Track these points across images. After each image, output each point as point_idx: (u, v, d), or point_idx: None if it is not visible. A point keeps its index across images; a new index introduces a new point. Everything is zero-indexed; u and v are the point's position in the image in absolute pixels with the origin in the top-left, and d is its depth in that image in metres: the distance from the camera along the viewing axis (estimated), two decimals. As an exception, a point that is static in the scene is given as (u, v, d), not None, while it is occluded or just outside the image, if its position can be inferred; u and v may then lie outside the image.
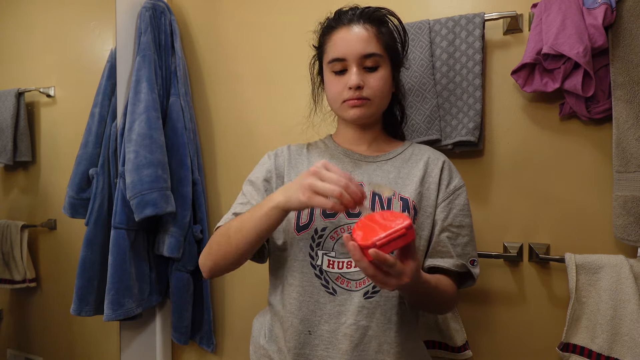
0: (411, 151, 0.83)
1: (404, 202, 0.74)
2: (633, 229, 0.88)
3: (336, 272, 0.72)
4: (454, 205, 0.77)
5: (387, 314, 0.71)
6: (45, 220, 1.47)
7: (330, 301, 0.72)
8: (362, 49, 0.74)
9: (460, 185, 0.80)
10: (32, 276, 1.49)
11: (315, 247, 0.73)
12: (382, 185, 0.74)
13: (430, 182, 0.78)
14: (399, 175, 0.78)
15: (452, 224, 0.76)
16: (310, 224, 0.75)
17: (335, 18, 0.80)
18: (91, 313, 1.24)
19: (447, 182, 0.78)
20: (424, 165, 0.79)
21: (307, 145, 0.88)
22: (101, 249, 1.25)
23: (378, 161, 0.81)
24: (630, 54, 0.88)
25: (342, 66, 0.76)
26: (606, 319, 0.90)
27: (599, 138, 1.00)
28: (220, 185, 1.43)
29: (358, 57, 0.74)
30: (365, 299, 0.71)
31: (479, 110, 1.02)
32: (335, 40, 0.77)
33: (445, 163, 0.81)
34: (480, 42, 1.02)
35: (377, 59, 0.75)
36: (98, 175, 1.26)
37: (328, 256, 0.72)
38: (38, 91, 1.46)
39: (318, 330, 0.72)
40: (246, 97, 1.38)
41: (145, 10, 1.28)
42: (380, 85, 0.76)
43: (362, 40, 0.74)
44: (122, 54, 1.28)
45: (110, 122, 1.29)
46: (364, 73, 0.76)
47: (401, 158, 0.81)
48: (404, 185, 0.77)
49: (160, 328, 1.40)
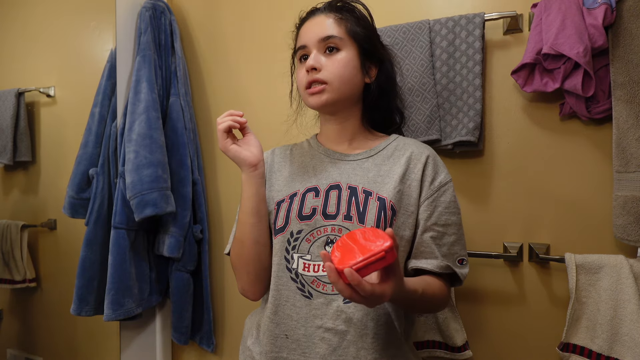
0: (394, 146, 0.79)
1: (380, 203, 0.71)
2: (633, 229, 0.88)
3: (312, 276, 0.71)
4: (438, 203, 0.74)
5: (363, 320, 0.69)
6: (45, 220, 1.47)
7: (306, 305, 0.71)
8: (320, 32, 0.75)
9: (446, 181, 0.76)
10: (32, 276, 1.49)
11: (290, 250, 0.73)
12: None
13: (412, 178, 0.74)
14: (378, 173, 0.75)
15: (437, 223, 0.73)
16: (286, 227, 0.74)
17: (304, 17, 0.83)
18: (91, 313, 1.24)
19: (431, 178, 0.75)
20: (406, 161, 0.76)
21: (292, 147, 0.88)
22: (101, 249, 1.25)
23: (358, 159, 0.78)
24: (630, 54, 0.88)
25: (304, 52, 0.78)
26: (606, 319, 0.90)
27: (599, 138, 1.00)
28: (220, 185, 1.43)
29: (317, 40, 0.75)
30: (344, 303, 0.70)
31: (479, 110, 1.02)
32: (301, 32, 0.80)
33: (429, 158, 0.76)
34: (480, 42, 1.02)
35: (335, 41, 0.75)
36: (98, 175, 1.26)
37: (303, 259, 0.72)
38: (38, 91, 1.46)
39: (294, 335, 0.71)
40: (246, 97, 1.38)
41: (145, 10, 1.28)
42: (339, 68, 0.74)
43: (321, 25, 0.76)
44: (122, 54, 1.28)
45: (110, 122, 1.29)
46: (324, 56, 0.76)
47: (383, 154, 0.78)
48: (382, 184, 0.74)
49: (160, 328, 1.40)
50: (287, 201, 0.77)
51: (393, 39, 1.09)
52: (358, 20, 0.78)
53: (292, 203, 0.76)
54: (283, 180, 0.81)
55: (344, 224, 0.71)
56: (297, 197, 0.76)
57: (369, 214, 0.70)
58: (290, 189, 0.78)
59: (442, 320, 1.06)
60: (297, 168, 0.81)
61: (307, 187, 0.77)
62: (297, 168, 0.81)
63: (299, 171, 0.81)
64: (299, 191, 0.77)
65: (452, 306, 1.06)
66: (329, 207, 0.73)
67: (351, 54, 0.76)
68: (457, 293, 1.12)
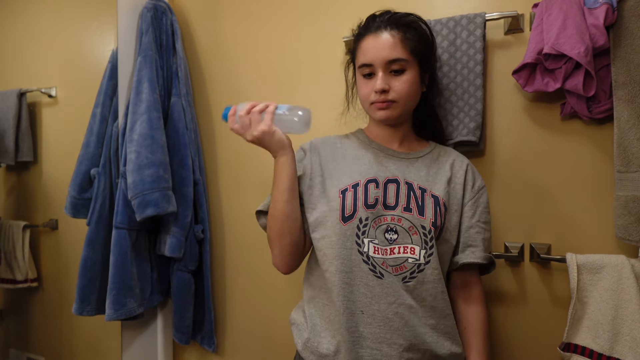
0: (438, 152, 0.91)
1: (434, 200, 0.81)
2: (634, 228, 0.88)
3: (381, 258, 0.79)
4: (479, 204, 0.86)
5: (422, 295, 0.79)
6: (46, 220, 1.48)
7: (379, 284, 0.78)
8: (387, 54, 0.80)
9: (483, 186, 0.89)
10: (33, 276, 1.49)
11: (361, 236, 0.80)
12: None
13: (456, 182, 0.86)
14: (428, 173, 0.86)
15: (480, 220, 0.85)
16: (355, 214, 0.80)
17: (365, 25, 0.87)
18: (93, 313, 1.24)
19: (472, 183, 0.87)
20: (450, 167, 0.87)
21: (340, 138, 0.95)
22: (103, 249, 1.25)
23: (410, 158, 0.88)
24: (632, 54, 0.88)
25: (370, 70, 0.84)
26: (607, 319, 0.90)
27: (600, 138, 0.99)
28: (221, 185, 1.43)
29: (384, 62, 0.81)
30: (403, 283, 0.78)
31: (480, 110, 1.02)
32: (364, 47, 0.84)
33: (469, 166, 0.89)
34: (482, 42, 1.02)
35: (402, 63, 0.81)
36: (99, 175, 1.27)
37: (373, 243, 0.79)
38: (40, 91, 1.47)
39: (369, 310, 0.78)
40: (247, 97, 1.38)
41: (146, 11, 1.28)
42: (406, 89, 0.82)
43: (388, 47, 0.80)
44: (123, 55, 1.29)
45: (112, 122, 1.30)
46: (391, 77, 0.82)
47: (430, 157, 0.89)
48: (434, 183, 0.84)
49: (162, 328, 1.40)
50: (351, 190, 0.83)
51: (394, 39, 1.09)
52: (420, 38, 0.84)
53: (356, 192, 0.82)
54: (341, 170, 0.87)
55: (403, 214, 0.80)
56: (360, 187, 0.83)
57: (427, 208, 0.81)
58: (351, 179, 0.84)
59: (443, 320, 1.06)
60: (353, 159, 0.88)
61: (367, 179, 0.83)
62: (353, 159, 0.88)
63: (355, 162, 0.87)
64: (361, 182, 0.83)
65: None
66: (388, 199, 0.82)
67: (414, 73, 0.83)
68: (458, 293, 1.12)
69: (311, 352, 0.84)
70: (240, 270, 1.40)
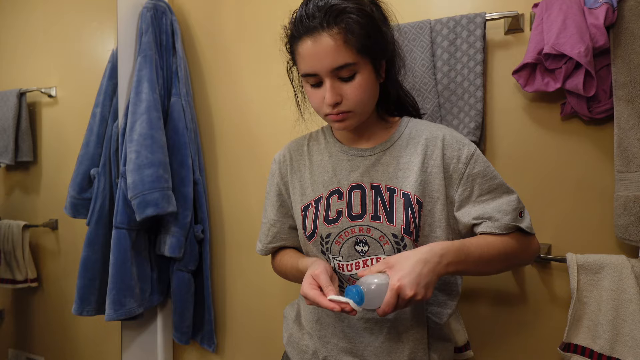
0: (408, 133, 0.77)
1: (405, 199, 0.72)
2: (634, 228, 0.88)
3: (347, 274, 0.75)
4: (475, 176, 0.72)
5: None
6: (46, 220, 1.48)
7: None
8: (332, 62, 0.67)
9: (472, 152, 0.73)
10: (33, 276, 1.49)
11: (325, 252, 0.77)
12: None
13: (432, 165, 0.73)
14: (398, 167, 0.74)
15: (482, 194, 0.72)
16: (315, 232, 0.77)
17: (298, 24, 0.70)
18: (92, 313, 1.24)
19: (456, 157, 0.73)
20: (422, 149, 0.74)
21: (308, 140, 0.86)
22: (102, 249, 1.25)
23: (375, 153, 0.77)
24: (632, 54, 0.88)
25: (315, 80, 0.71)
26: (607, 319, 0.90)
27: (600, 138, 0.99)
28: (221, 185, 1.43)
29: (329, 71, 0.68)
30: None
31: (480, 110, 1.02)
32: (302, 53, 0.70)
33: (445, 139, 0.74)
34: (482, 42, 1.02)
35: (351, 68, 0.68)
36: (99, 175, 1.27)
37: (337, 260, 0.76)
38: (39, 91, 1.47)
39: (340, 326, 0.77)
40: (247, 97, 1.38)
41: (146, 11, 1.28)
42: (359, 94, 0.70)
43: (330, 53, 0.66)
44: (123, 54, 1.29)
45: (112, 122, 1.30)
46: (341, 84, 0.69)
47: (399, 145, 0.76)
48: (404, 177, 0.73)
49: (162, 328, 1.40)
50: (313, 206, 0.78)
51: (394, 39, 1.09)
52: (365, 28, 0.67)
53: (318, 208, 0.77)
54: (305, 182, 0.82)
55: (371, 224, 0.73)
56: (322, 202, 0.77)
57: (397, 214, 0.72)
58: (315, 193, 0.79)
59: (443, 320, 1.06)
60: (317, 168, 0.81)
61: (330, 190, 0.77)
62: (317, 168, 0.81)
63: (319, 172, 0.81)
64: (323, 195, 0.78)
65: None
66: (353, 208, 0.74)
67: (367, 72, 0.70)
68: (458, 293, 1.12)
69: (293, 347, 0.85)
70: (240, 270, 1.40)
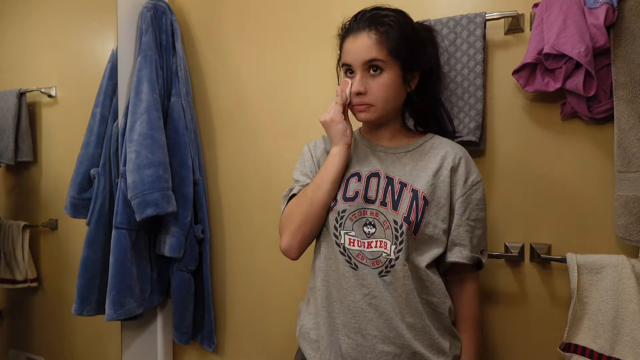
0: (431, 144, 0.88)
1: (413, 194, 0.81)
2: (635, 228, 0.88)
3: (357, 250, 0.80)
4: (471, 200, 0.83)
5: (398, 291, 0.79)
6: (46, 220, 1.48)
7: (353, 275, 0.80)
8: (364, 55, 0.80)
9: (478, 181, 0.85)
10: (33, 276, 1.49)
11: (338, 227, 0.82)
12: None
13: (444, 175, 0.83)
14: (415, 167, 0.84)
15: (470, 218, 0.83)
16: (334, 207, 0.83)
17: (346, 27, 0.86)
18: (92, 313, 1.24)
19: (464, 177, 0.83)
20: (440, 159, 0.84)
21: None
22: (102, 249, 1.25)
23: (397, 153, 0.88)
24: (632, 54, 0.88)
25: (348, 69, 0.84)
26: (608, 319, 0.90)
27: (601, 138, 0.99)
28: (221, 185, 1.43)
29: (361, 63, 0.80)
30: (380, 277, 0.79)
31: (480, 110, 1.02)
32: (345, 48, 0.84)
33: (462, 158, 0.84)
34: (482, 42, 1.02)
35: (379, 64, 0.80)
36: (99, 175, 1.26)
37: (348, 235, 0.81)
38: (39, 91, 1.47)
39: (345, 301, 0.81)
40: (247, 97, 1.38)
41: (146, 11, 1.28)
42: (382, 91, 0.81)
43: (365, 48, 0.79)
44: (123, 54, 1.29)
45: (112, 122, 1.30)
46: (369, 77, 0.81)
47: (419, 151, 0.87)
48: (417, 177, 0.83)
49: (162, 328, 1.40)
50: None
51: (394, 39, 1.09)
52: (399, 35, 0.80)
53: (339, 186, 0.85)
54: None
55: (379, 209, 0.81)
56: (342, 181, 0.86)
57: (402, 203, 0.80)
58: None
59: (444, 320, 1.06)
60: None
61: (350, 173, 0.87)
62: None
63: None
64: (345, 176, 0.86)
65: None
66: (369, 192, 0.83)
67: (393, 73, 0.81)
68: (458, 293, 1.12)
69: (303, 338, 0.89)
70: (240, 270, 1.40)
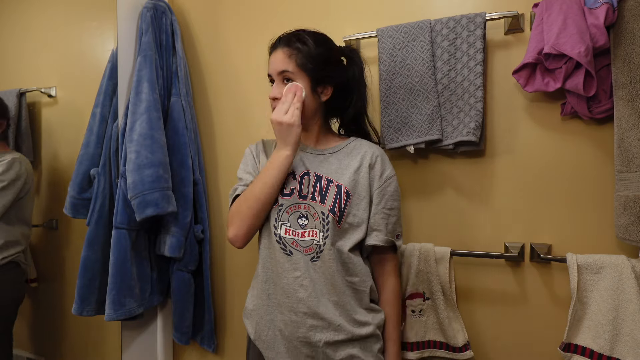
0: (353, 146, 0.99)
1: (338, 188, 0.92)
2: (635, 228, 0.88)
3: (292, 238, 0.91)
4: (385, 192, 0.95)
5: (325, 274, 0.90)
6: (46, 220, 1.48)
7: (288, 260, 0.91)
8: (278, 67, 0.93)
9: (391, 175, 0.97)
10: (33, 276, 1.49)
11: (278, 220, 0.93)
12: None
13: (363, 171, 0.95)
14: (339, 166, 0.96)
15: (385, 207, 0.95)
16: (277, 202, 0.94)
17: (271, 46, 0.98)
18: (92, 313, 1.24)
19: (380, 173, 0.95)
20: (360, 158, 0.96)
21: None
22: (102, 249, 1.25)
23: (325, 154, 0.98)
24: (632, 54, 0.88)
25: (270, 79, 0.97)
26: (608, 319, 0.90)
27: (601, 138, 0.99)
28: (221, 185, 1.43)
29: (276, 73, 0.94)
30: (311, 262, 0.90)
31: (480, 110, 1.02)
32: (269, 61, 0.97)
33: (378, 157, 0.96)
34: (482, 42, 1.02)
35: (288, 74, 0.92)
36: (99, 175, 1.26)
37: (285, 225, 0.92)
38: (39, 91, 1.47)
39: (280, 282, 0.91)
40: (247, 97, 1.38)
41: (146, 11, 1.28)
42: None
43: (279, 61, 0.93)
44: (123, 54, 1.29)
45: (112, 122, 1.30)
46: (283, 85, 0.94)
47: (344, 152, 0.98)
48: (341, 174, 0.94)
49: (162, 328, 1.40)
50: None
51: (394, 39, 1.09)
52: (309, 52, 0.92)
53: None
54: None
55: (310, 202, 0.93)
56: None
57: (329, 197, 0.92)
58: None
59: (443, 320, 1.06)
60: None
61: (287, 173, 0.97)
62: None
63: None
64: None
65: (453, 306, 1.06)
66: (302, 189, 0.94)
67: (304, 83, 0.93)
68: (458, 293, 1.12)
69: (246, 317, 1.00)
70: (240, 270, 1.40)
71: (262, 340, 0.94)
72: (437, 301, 1.06)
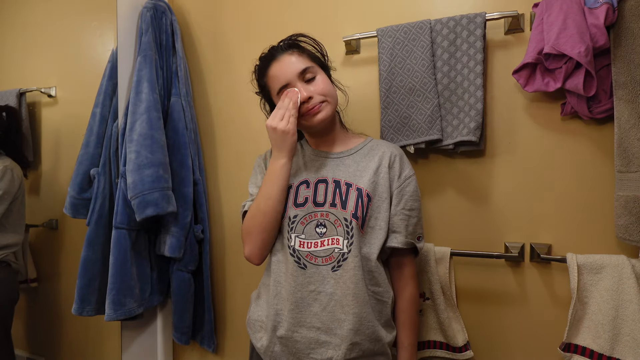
0: (370, 146, 0.97)
1: (358, 192, 0.89)
2: (635, 229, 0.88)
3: (306, 251, 0.88)
4: (404, 192, 0.92)
5: (347, 283, 0.85)
6: (46, 220, 1.48)
7: (302, 274, 0.87)
8: (296, 68, 0.89)
9: (410, 175, 0.94)
10: (33, 276, 1.49)
11: (290, 231, 0.89)
12: None
13: (383, 171, 0.92)
14: (357, 168, 0.93)
15: (404, 208, 0.92)
16: (286, 213, 0.90)
17: (266, 58, 0.95)
18: (92, 313, 1.24)
19: (399, 173, 0.93)
20: (378, 158, 0.94)
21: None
22: (102, 249, 1.25)
23: (341, 157, 0.96)
24: (632, 54, 0.88)
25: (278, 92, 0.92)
26: (608, 319, 0.90)
27: (601, 138, 0.99)
28: (221, 185, 1.43)
29: (296, 76, 0.89)
30: (332, 271, 0.86)
31: (480, 110, 1.02)
32: (272, 74, 0.93)
33: (397, 157, 0.94)
34: (482, 42, 1.02)
35: (310, 70, 0.90)
36: (99, 175, 1.26)
37: (299, 238, 0.89)
38: (39, 91, 1.46)
39: (293, 297, 0.87)
40: (247, 97, 1.38)
41: (146, 11, 1.28)
42: (325, 86, 0.91)
43: (292, 63, 0.90)
44: (123, 54, 1.29)
45: (112, 122, 1.30)
46: (307, 85, 0.90)
47: (361, 153, 0.96)
48: (360, 177, 0.91)
49: (162, 328, 1.40)
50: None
51: (394, 39, 1.09)
52: (310, 50, 0.95)
53: (289, 194, 0.92)
54: None
55: (330, 209, 0.89)
56: (292, 189, 0.93)
57: (350, 201, 0.88)
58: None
59: (444, 320, 1.06)
60: (292, 166, 0.96)
61: (300, 181, 0.94)
62: (292, 166, 0.96)
63: (293, 168, 0.97)
64: (294, 184, 0.93)
65: (453, 306, 1.06)
66: (317, 197, 0.90)
67: (324, 74, 0.93)
68: (458, 293, 1.12)
69: (250, 328, 0.96)
70: (240, 270, 1.40)
71: (268, 355, 0.90)
72: (437, 301, 1.06)
